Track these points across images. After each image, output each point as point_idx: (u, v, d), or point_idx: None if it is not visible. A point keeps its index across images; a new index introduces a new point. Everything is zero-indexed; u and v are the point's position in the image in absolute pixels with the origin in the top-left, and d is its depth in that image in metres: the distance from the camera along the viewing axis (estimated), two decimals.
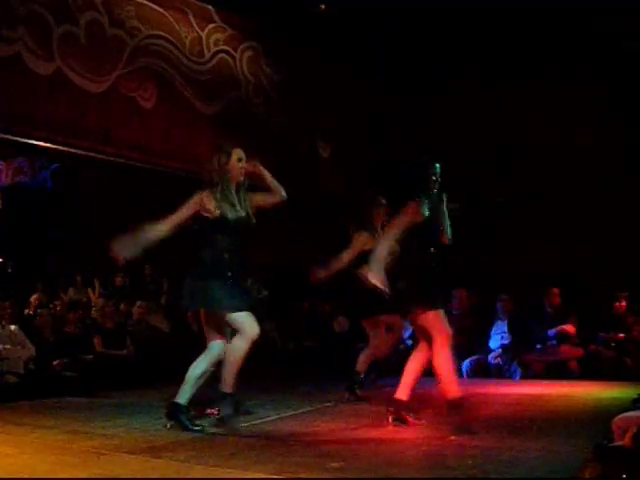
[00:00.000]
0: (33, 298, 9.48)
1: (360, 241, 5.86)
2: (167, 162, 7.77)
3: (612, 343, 7.87)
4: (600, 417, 4.73)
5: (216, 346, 4.57)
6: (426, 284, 4.71)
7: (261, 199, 4.74)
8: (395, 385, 6.44)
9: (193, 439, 4.29)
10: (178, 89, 7.79)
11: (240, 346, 4.41)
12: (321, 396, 6.19)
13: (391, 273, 4.57)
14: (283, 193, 4.73)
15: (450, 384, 4.58)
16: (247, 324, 4.41)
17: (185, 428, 4.45)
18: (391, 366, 8.30)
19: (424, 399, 6.17)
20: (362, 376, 6.06)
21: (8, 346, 6.74)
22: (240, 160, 4.63)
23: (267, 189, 4.73)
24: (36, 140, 6.76)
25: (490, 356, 8.10)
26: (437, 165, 4.85)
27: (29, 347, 6.89)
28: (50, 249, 11.38)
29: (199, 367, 4.56)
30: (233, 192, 4.61)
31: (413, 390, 4.75)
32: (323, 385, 7.07)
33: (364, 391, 6.06)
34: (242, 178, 4.66)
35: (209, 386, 4.74)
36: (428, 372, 4.77)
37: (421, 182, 4.80)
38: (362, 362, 6.06)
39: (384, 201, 6.02)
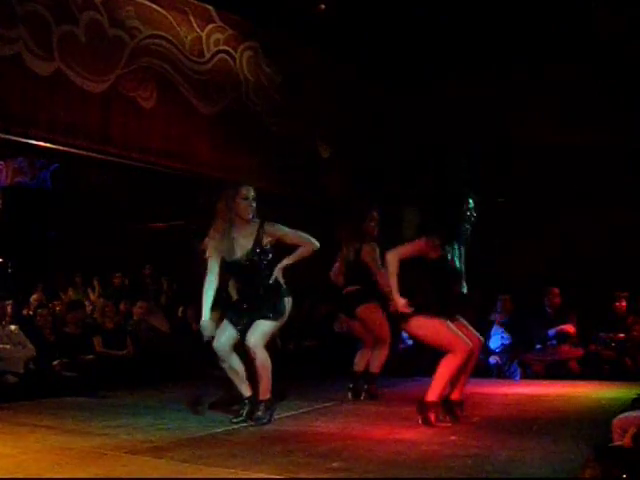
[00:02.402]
0: (33, 298, 9.48)
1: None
2: (167, 162, 7.76)
3: (612, 343, 7.88)
4: (600, 417, 4.73)
5: None
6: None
7: (292, 241, 4.82)
8: (391, 386, 6.47)
9: (193, 439, 4.29)
10: (178, 89, 7.78)
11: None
12: (321, 396, 6.19)
13: None
14: (313, 244, 4.78)
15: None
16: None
17: None
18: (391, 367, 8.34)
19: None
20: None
21: (8, 346, 6.74)
22: (245, 199, 4.73)
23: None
24: (36, 140, 6.74)
25: (490, 358, 8.10)
26: (471, 200, 4.95)
27: (29, 347, 6.89)
28: (50, 249, 11.38)
29: None
30: (233, 232, 4.72)
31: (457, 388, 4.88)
32: (323, 385, 7.07)
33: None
34: (250, 215, 4.74)
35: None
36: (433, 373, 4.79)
37: (452, 217, 4.92)
38: None
39: (376, 213, 6.09)
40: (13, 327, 6.98)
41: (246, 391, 4.85)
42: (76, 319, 7.75)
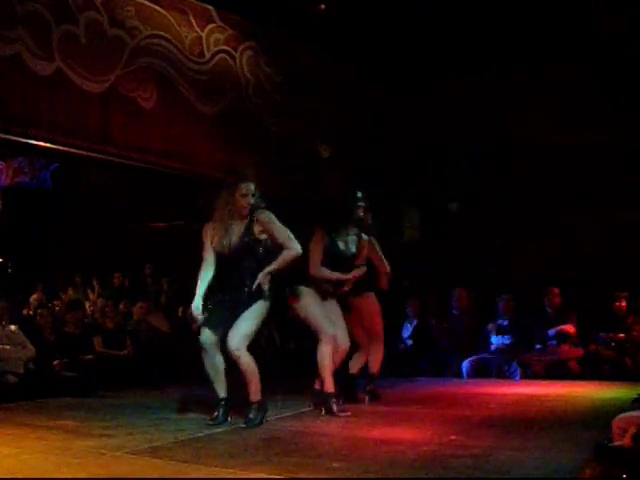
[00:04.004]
0: (33, 298, 9.49)
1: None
2: (167, 162, 7.75)
3: (612, 343, 7.88)
4: (600, 417, 4.73)
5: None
6: None
7: (278, 238, 4.85)
8: (391, 386, 6.47)
9: (193, 439, 4.29)
10: (178, 89, 7.77)
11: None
12: None
13: None
14: (296, 249, 4.84)
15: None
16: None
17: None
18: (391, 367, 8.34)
19: (425, 398, 6.20)
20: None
21: (8, 346, 6.74)
22: (244, 196, 4.76)
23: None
24: (36, 140, 6.73)
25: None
26: (359, 195, 5.61)
27: (29, 347, 6.89)
28: (50, 249, 11.38)
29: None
30: (232, 225, 4.77)
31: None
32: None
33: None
34: (247, 211, 4.78)
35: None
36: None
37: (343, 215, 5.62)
38: None
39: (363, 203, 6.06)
40: (13, 327, 6.98)
41: (222, 392, 4.83)
42: (76, 319, 7.75)
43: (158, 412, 5.44)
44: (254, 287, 4.68)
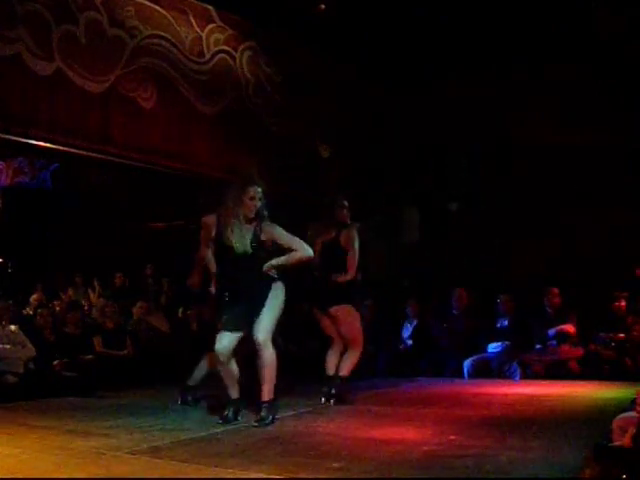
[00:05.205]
0: (33, 298, 9.49)
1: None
2: (167, 162, 7.76)
3: (612, 343, 7.87)
4: (600, 417, 4.73)
5: None
6: None
7: (286, 245, 4.88)
8: (391, 386, 6.45)
9: (193, 439, 4.29)
10: (178, 89, 7.78)
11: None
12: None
13: None
14: (306, 252, 4.87)
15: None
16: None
17: None
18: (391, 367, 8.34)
19: (425, 398, 6.20)
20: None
21: (8, 346, 6.74)
22: (252, 199, 4.79)
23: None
24: (36, 140, 6.74)
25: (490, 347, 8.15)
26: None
27: (29, 347, 6.89)
28: (50, 249, 11.39)
29: None
30: (242, 224, 4.79)
31: None
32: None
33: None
34: (253, 213, 4.80)
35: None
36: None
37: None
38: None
39: (345, 201, 6.03)
40: (13, 327, 6.98)
41: (235, 393, 4.88)
42: (76, 319, 7.76)
43: (158, 412, 5.44)
44: (263, 269, 4.75)
